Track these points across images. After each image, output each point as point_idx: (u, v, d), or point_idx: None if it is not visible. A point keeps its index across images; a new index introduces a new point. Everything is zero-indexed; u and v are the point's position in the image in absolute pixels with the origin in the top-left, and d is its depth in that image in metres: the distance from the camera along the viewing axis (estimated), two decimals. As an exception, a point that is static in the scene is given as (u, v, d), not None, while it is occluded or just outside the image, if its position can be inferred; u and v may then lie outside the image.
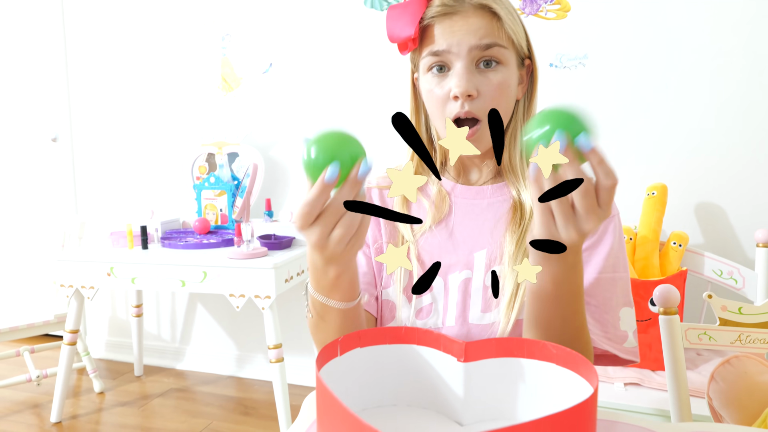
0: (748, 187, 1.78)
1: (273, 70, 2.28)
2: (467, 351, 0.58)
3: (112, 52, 2.51)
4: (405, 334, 0.61)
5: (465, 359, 0.58)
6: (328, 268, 0.67)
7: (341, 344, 0.58)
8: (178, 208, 2.45)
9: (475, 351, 0.58)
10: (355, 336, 0.60)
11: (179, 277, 1.85)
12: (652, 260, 1.65)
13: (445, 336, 0.59)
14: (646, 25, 1.83)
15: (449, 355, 0.59)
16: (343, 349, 0.58)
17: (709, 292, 1.01)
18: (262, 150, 2.30)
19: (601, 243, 0.83)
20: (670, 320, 1.03)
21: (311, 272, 0.71)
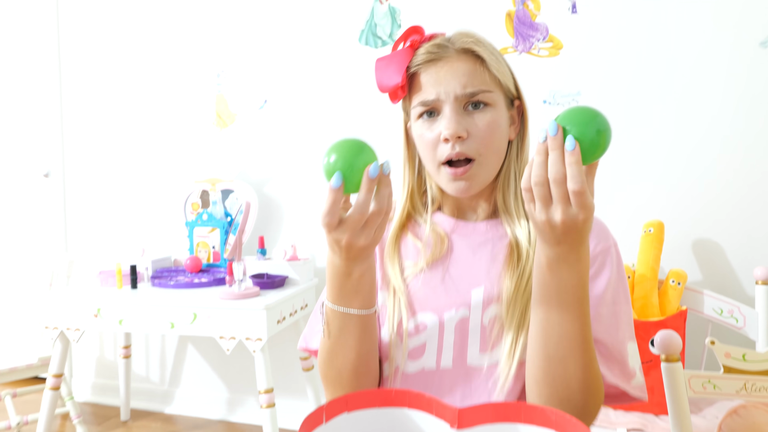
0: (745, 223, 1.76)
1: (267, 106, 2.28)
2: (461, 417, 0.54)
3: (106, 87, 2.51)
4: (395, 397, 0.58)
5: (459, 425, 0.54)
6: (353, 268, 0.72)
7: (327, 410, 0.55)
8: (170, 246, 2.42)
9: (470, 417, 0.54)
10: (342, 401, 0.56)
11: (168, 319, 1.81)
12: (651, 299, 1.61)
13: (437, 400, 0.56)
14: (638, 62, 1.84)
15: (442, 420, 0.55)
16: (329, 414, 0.55)
17: (711, 338, 0.98)
18: (256, 186, 2.28)
19: (599, 276, 0.81)
20: (673, 368, 0.99)
21: (332, 282, 0.75)
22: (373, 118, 2.13)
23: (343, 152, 0.67)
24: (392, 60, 0.85)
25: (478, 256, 0.86)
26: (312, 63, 2.20)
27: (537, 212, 0.65)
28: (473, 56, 0.82)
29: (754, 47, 1.73)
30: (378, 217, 0.69)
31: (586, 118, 0.63)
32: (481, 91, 0.81)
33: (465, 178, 0.82)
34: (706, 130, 1.78)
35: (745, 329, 1.58)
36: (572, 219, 0.63)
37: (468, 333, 0.82)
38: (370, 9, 2.11)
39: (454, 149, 0.80)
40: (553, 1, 1.91)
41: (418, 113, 0.84)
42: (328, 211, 0.67)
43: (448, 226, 0.90)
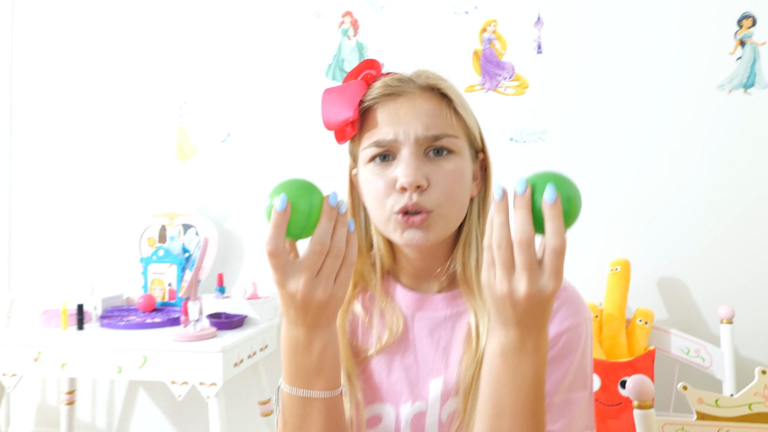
0: (708, 261, 1.77)
1: (231, 139, 2.22)
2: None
3: (59, 115, 2.41)
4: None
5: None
6: (313, 337, 0.62)
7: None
8: (123, 284, 2.30)
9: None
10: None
11: (116, 363, 1.69)
12: (619, 339, 1.59)
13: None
14: (603, 101, 1.86)
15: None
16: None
17: (683, 383, 0.94)
18: (216, 221, 2.20)
19: (563, 359, 0.69)
20: (646, 415, 0.95)
21: (289, 359, 0.64)
22: (340, 156, 2.08)
23: (290, 192, 0.59)
24: (343, 92, 0.74)
25: (436, 339, 0.76)
26: (278, 97, 2.17)
27: (498, 281, 0.56)
28: (438, 95, 0.73)
29: (712, 90, 1.77)
30: (336, 261, 0.60)
31: (555, 184, 0.56)
32: (446, 134, 0.71)
33: (421, 228, 0.70)
34: (669, 168, 1.80)
35: (711, 369, 1.57)
36: (540, 290, 0.54)
37: (425, 429, 0.73)
38: (337, 44, 2.10)
39: (411, 200, 0.69)
40: (519, 41, 1.93)
41: (370, 156, 0.73)
42: (271, 237, 0.58)
43: (404, 300, 0.79)
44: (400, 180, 0.69)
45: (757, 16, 1.74)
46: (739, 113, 1.75)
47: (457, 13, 1.99)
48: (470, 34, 1.98)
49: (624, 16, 1.83)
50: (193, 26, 2.24)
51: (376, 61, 0.76)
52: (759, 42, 1.74)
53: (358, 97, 0.73)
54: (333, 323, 0.64)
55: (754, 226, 1.74)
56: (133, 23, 2.30)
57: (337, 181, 1.97)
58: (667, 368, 1.71)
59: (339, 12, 2.09)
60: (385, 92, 0.72)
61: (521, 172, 0.61)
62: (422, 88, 0.73)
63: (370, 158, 0.73)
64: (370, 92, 0.73)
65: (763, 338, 1.72)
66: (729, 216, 1.76)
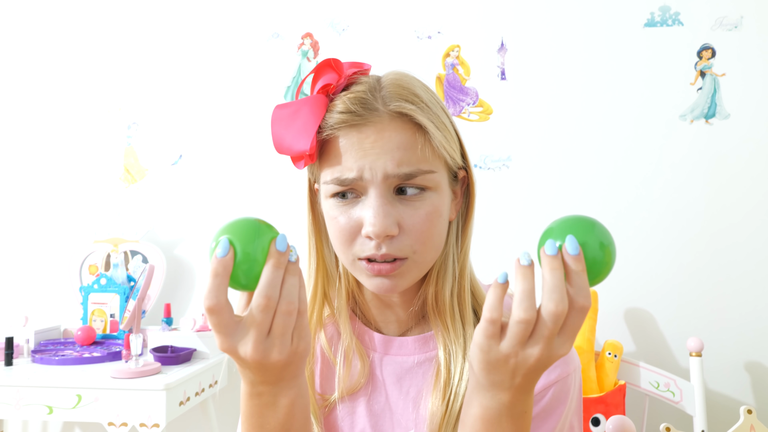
0: (675, 292, 1.74)
1: (183, 161, 2.11)
2: None
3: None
4: None
5: None
6: (278, 394, 0.53)
7: None
8: (61, 314, 2.13)
9: None
10: None
11: (46, 402, 1.53)
12: (588, 373, 1.53)
13: None
14: (568, 129, 1.84)
15: None
16: None
17: (666, 425, 0.88)
18: (165, 248, 2.06)
19: (552, 413, 0.63)
20: (628, 457, 0.88)
21: (249, 421, 0.54)
22: (299, 182, 2.00)
23: (235, 234, 0.50)
24: (298, 112, 0.61)
25: (405, 388, 0.68)
26: (234, 118, 2.07)
27: (506, 347, 0.48)
28: (411, 124, 0.61)
29: (674, 119, 1.77)
30: (289, 318, 0.50)
31: (584, 229, 0.49)
32: (420, 171, 0.60)
33: (391, 277, 0.62)
34: (635, 197, 1.78)
35: (682, 403, 1.52)
36: (551, 355, 0.48)
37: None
38: (297, 66, 2.03)
39: (380, 249, 0.60)
40: (483, 67, 1.91)
41: (330, 191, 0.62)
42: (210, 289, 0.48)
43: (371, 342, 0.70)
44: (365, 228, 0.60)
45: (716, 47, 1.76)
46: (701, 143, 1.76)
47: (420, 37, 1.95)
48: (433, 59, 1.94)
49: (588, 44, 1.83)
50: (146, 43, 2.14)
51: (337, 62, 0.63)
52: (719, 73, 1.76)
53: (316, 123, 0.60)
54: (301, 374, 0.55)
55: (721, 256, 1.73)
56: (81, 37, 2.18)
57: (295, 212, 1.87)
58: (637, 403, 1.65)
59: (299, 33, 2.03)
60: (347, 121, 0.60)
61: (485, 200, 0.53)
62: (391, 115, 0.60)
63: (331, 194, 0.63)
64: (330, 116, 0.60)
65: (732, 372, 1.69)
66: (695, 246, 1.74)
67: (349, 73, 0.64)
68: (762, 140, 1.73)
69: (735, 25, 1.75)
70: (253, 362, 0.50)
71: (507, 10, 1.89)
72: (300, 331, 0.51)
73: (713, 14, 1.76)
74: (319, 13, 2.02)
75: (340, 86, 0.62)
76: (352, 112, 0.59)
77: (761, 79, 1.73)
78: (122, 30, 2.16)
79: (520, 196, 1.85)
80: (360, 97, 0.60)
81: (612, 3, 1.82)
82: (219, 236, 0.51)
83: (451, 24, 1.93)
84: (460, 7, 1.93)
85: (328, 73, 0.62)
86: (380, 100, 0.61)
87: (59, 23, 2.19)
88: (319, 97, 0.61)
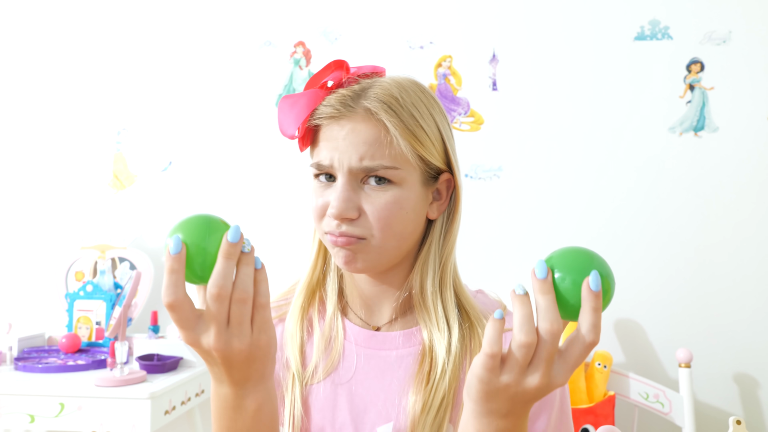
0: (664, 303, 1.75)
1: (172, 168, 2.09)
2: None
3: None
4: None
5: None
6: (244, 395, 0.55)
7: None
8: (46, 321, 2.09)
9: None
10: None
11: (28, 411, 1.50)
12: (578, 384, 1.53)
13: None
14: (559, 140, 1.85)
15: None
16: None
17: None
18: (152, 255, 2.04)
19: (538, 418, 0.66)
20: (618, 468, 0.88)
21: (219, 422, 0.58)
22: (289, 187, 1.99)
23: (190, 231, 0.52)
24: (296, 103, 0.70)
25: (387, 382, 0.71)
26: (224, 125, 2.06)
27: (507, 378, 0.50)
28: (380, 122, 0.67)
29: (663, 132, 1.79)
30: (243, 307, 0.52)
31: (583, 261, 0.50)
32: (382, 167, 0.66)
33: (349, 249, 0.67)
34: (624, 208, 1.79)
35: (671, 414, 1.52)
36: (549, 384, 0.49)
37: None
38: (289, 74, 2.03)
39: (340, 228, 0.67)
40: (474, 77, 1.92)
41: (314, 173, 0.72)
42: (167, 285, 0.50)
43: (354, 337, 0.74)
44: (330, 209, 0.67)
45: (704, 61, 1.78)
46: (690, 155, 1.77)
47: (412, 47, 1.96)
48: (425, 69, 1.95)
49: (578, 56, 1.85)
50: (137, 49, 2.13)
51: (344, 62, 0.72)
52: (707, 87, 1.77)
53: (306, 113, 0.69)
54: (267, 378, 0.57)
55: (710, 268, 1.74)
56: (72, 41, 2.17)
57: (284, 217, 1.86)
58: (627, 414, 1.65)
59: (291, 42, 2.03)
60: (329, 114, 0.68)
61: (476, 210, 0.54)
62: (366, 112, 0.67)
63: (315, 175, 0.72)
64: (319, 109, 0.69)
65: (721, 383, 1.69)
66: (684, 257, 1.75)
67: (358, 73, 0.71)
68: (750, 153, 1.74)
69: (723, 39, 1.77)
70: (216, 353, 0.52)
71: (499, 22, 1.91)
72: (261, 323, 0.53)
73: (702, 28, 1.78)
74: (312, 22, 2.02)
75: (340, 84, 0.70)
76: (332, 107, 0.67)
77: (749, 92, 1.75)
78: (113, 35, 2.15)
79: (511, 206, 1.85)
80: (344, 94, 0.67)
81: (602, 17, 1.84)
82: (172, 234, 0.53)
83: (443, 34, 1.94)
84: (452, 17, 1.94)
85: (335, 71, 0.71)
86: (363, 98, 0.67)
87: (50, 28, 2.18)
88: (317, 91, 0.69)
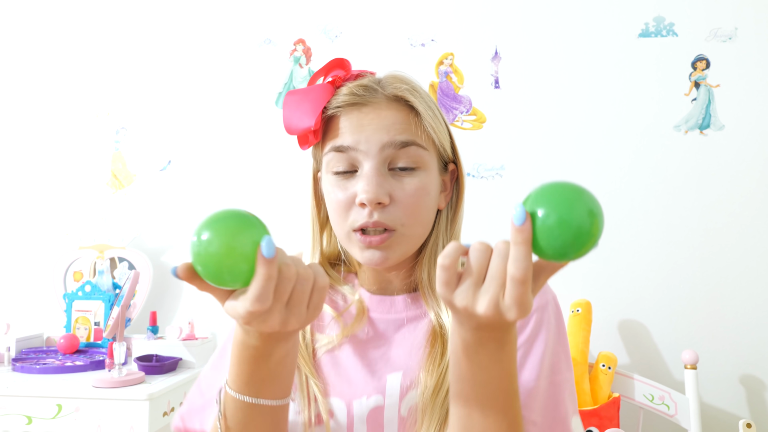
0: (669, 304, 1.72)
1: (171, 167, 2.08)
2: None
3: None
4: None
5: None
6: (273, 348, 0.55)
7: None
8: (43, 322, 2.08)
9: None
10: None
11: (25, 412, 1.49)
12: (582, 385, 1.50)
13: None
14: (562, 138, 1.82)
15: None
16: None
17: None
18: (152, 255, 2.02)
19: (536, 338, 0.68)
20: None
21: (241, 366, 0.57)
22: (288, 186, 1.97)
23: (221, 228, 0.48)
24: (306, 97, 0.70)
25: (396, 338, 0.73)
26: (224, 124, 2.04)
27: (457, 297, 0.50)
28: (406, 106, 0.69)
29: (668, 130, 1.76)
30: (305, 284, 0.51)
31: (570, 197, 0.47)
32: (414, 142, 0.67)
33: (381, 248, 0.67)
34: (629, 207, 1.77)
35: (677, 417, 1.50)
36: (500, 315, 0.49)
37: (383, 425, 0.68)
38: (289, 72, 2.01)
39: (372, 217, 0.66)
40: (476, 75, 1.89)
41: (330, 163, 0.70)
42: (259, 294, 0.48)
43: (364, 300, 0.76)
44: (360, 195, 0.66)
45: (710, 58, 1.75)
46: (695, 154, 1.74)
47: (413, 45, 1.94)
48: (426, 67, 1.93)
49: (581, 54, 1.82)
50: (136, 47, 2.11)
51: (346, 61, 0.73)
52: (713, 84, 1.75)
53: (322, 104, 0.69)
54: (297, 332, 0.58)
55: (716, 268, 1.71)
56: (70, 40, 2.15)
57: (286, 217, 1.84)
58: (632, 416, 1.63)
59: (291, 39, 2.01)
60: (349, 101, 0.68)
61: (478, 209, 0.54)
62: (389, 98, 0.69)
63: (331, 166, 0.70)
64: (335, 99, 0.69)
65: (727, 385, 1.67)
66: (690, 257, 1.72)
67: (354, 73, 0.73)
68: (757, 151, 1.72)
69: (729, 36, 1.75)
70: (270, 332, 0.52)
71: (501, 19, 1.89)
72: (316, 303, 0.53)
73: (708, 25, 1.76)
74: (312, 20, 2.00)
75: (346, 79, 0.72)
76: (354, 94, 0.68)
77: (756, 90, 1.72)
78: (112, 34, 2.13)
79: (514, 205, 1.83)
80: (362, 84, 0.69)
81: (606, 13, 1.81)
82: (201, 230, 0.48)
83: (444, 32, 1.92)
84: (454, 14, 1.92)
85: (337, 68, 0.72)
86: (380, 86, 0.70)
87: (48, 27, 2.16)
88: (326, 85, 0.70)
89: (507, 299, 0.48)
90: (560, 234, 0.46)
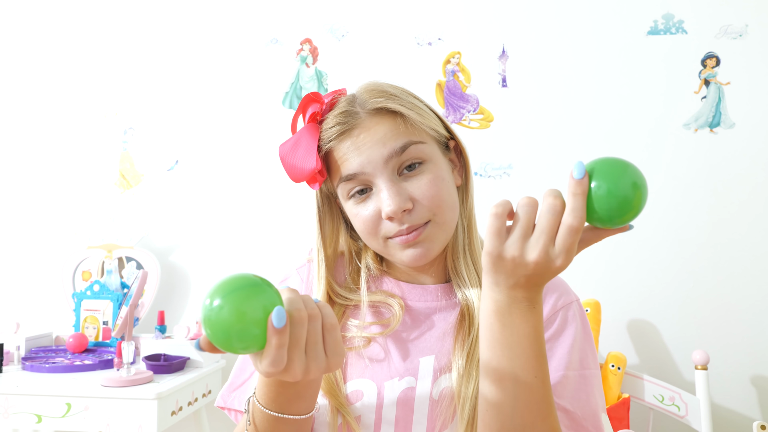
0: (679, 304, 1.71)
1: (179, 167, 2.08)
2: None
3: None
4: None
5: None
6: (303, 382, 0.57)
7: None
8: (53, 321, 2.09)
9: None
10: None
11: (35, 411, 1.49)
12: (591, 386, 1.49)
13: None
14: (570, 137, 1.81)
15: None
16: None
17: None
18: (159, 255, 2.03)
19: (563, 333, 0.71)
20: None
21: (267, 386, 0.59)
22: (295, 186, 1.97)
23: (232, 294, 0.48)
24: (298, 142, 0.73)
25: (429, 324, 0.75)
26: (231, 124, 2.05)
27: (508, 248, 0.54)
28: (389, 113, 0.72)
29: (677, 128, 1.75)
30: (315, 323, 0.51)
31: (617, 170, 0.52)
32: (411, 142, 0.70)
33: (420, 241, 0.71)
34: (636, 207, 1.75)
35: (687, 418, 1.49)
36: (548, 262, 0.53)
37: (413, 408, 0.69)
38: (295, 71, 2.01)
39: (402, 224, 0.70)
40: (483, 74, 1.89)
41: (346, 192, 0.73)
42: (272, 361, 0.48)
43: (397, 290, 0.79)
44: (384, 211, 0.69)
45: (720, 56, 1.74)
46: (705, 152, 1.73)
47: (420, 43, 1.93)
48: (434, 66, 1.92)
49: (590, 52, 1.81)
50: (143, 47, 2.12)
51: (317, 94, 0.76)
52: (723, 82, 1.73)
53: (315, 143, 0.73)
54: None
55: (726, 267, 1.69)
56: (78, 40, 2.16)
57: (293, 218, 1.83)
58: (642, 417, 1.62)
59: (298, 39, 2.01)
60: (339, 131, 0.72)
61: (486, 207, 0.55)
62: (371, 113, 0.72)
63: (347, 194, 0.73)
64: (324, 134, 0.73)
65: (738, 385, 1.65)
66: (700, 256, 1.71)
67: (328, 99, 0.75)
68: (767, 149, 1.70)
69: (740, 33, 1.73)
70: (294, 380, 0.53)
71: (508, 17, 1.88)
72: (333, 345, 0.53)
73: (717, 22, 1.74)
74: (319, 19, 2.00)
75: (324, 111, 0.75)
76: (340, 123, 0.71)
77: (766, 87, 1.71)
78: (119, 34, 2.14)
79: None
80: (342, 111, 0.72)
81: (615, 11, 1.80)
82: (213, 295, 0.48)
83: (451, 30, 1.91)
84: (461, 13, 1.91)
85: (312, 105, 0.75)
86: (359, 106, 0.72)
87: (55, 27, 2.17)
88: (310, 124, 0.74)
89: (558, 246, 0.52)
90: (608, 202, 0.51)
